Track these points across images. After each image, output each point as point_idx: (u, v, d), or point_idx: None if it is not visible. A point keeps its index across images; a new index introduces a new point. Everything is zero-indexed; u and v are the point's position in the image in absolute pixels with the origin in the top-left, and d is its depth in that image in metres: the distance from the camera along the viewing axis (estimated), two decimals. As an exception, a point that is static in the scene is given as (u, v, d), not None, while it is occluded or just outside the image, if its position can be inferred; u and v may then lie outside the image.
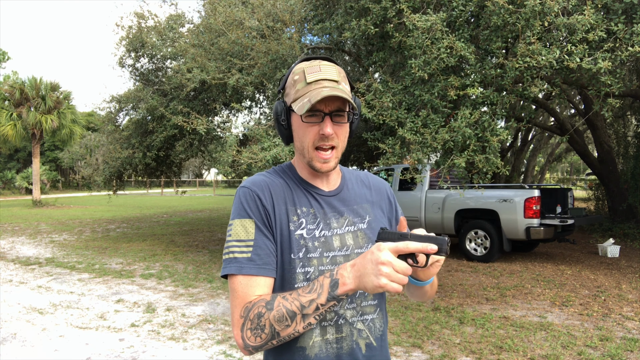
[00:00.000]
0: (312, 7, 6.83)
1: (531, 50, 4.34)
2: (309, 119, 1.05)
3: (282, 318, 0.95)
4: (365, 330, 1.11)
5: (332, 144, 1.08)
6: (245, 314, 0.98)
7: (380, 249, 0.91)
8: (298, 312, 0.95)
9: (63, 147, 25.74)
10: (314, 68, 1.07)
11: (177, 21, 9.90)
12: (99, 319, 4.73)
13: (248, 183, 1.10)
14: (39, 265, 7.54)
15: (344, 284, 0.94)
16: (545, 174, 23.80)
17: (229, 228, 1.07)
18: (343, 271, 0.95)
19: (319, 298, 0.95)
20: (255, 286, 1.02)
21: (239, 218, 1.06)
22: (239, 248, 1.04)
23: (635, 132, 11.58)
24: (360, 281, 0.93)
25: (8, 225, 13.51)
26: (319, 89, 1.03)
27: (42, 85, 21.53)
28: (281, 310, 0.95)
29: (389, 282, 0.88)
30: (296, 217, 1.08)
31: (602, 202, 12.18)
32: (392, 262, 0.89)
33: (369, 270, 0.91)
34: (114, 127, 11.00)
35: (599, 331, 4.22)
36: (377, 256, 0.90)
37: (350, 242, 1.12)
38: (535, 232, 7.09)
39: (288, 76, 1.12)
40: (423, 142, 4.75)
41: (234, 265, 1.03)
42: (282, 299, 0.97)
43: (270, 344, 0.97)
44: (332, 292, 0.94)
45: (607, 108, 4.54)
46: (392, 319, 4.63)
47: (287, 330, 0.95)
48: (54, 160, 36.22)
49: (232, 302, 1.03)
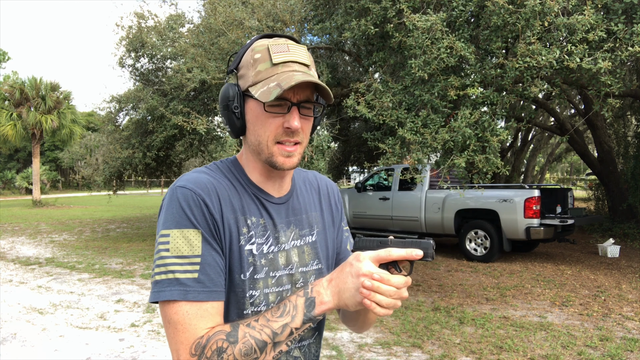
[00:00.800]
0: (312, 7, 6.83)
1: (531, 50, 4.34)
2: (272, 108, 0.86)
3: (250, 351, 0.79)
4: (300, 358, 0.97)
5: (297, 139, 0.89)
6: (198, 351, 0.79)
7: (359, 259, 0.80)
8: (269, 340, 0.80)
9: (63, 147, 25.74)
10: (280, 47, 0.87)
11: (177, 21, 9.90)
12: (99, 319, 4.73)
13: (189, 183, 0.86)
14: (39, 265, 7.54)
15: (322, 303, 0.82)
16: (545, 174, 23.80)
17: (162, 240, 0.84)
18: (319, 288, 0.83)
19: (293, 321, 0.82)
20: (205, 316, 0.81)
21: (179, 228, 0.83)
22: (181, 266, 0.82)
23: (635, 132, 11.58)
24: (340, 298, 0.81)
25: (8, 225, 13.51)
26: (289, 73, 0.85)
27: (42, 85, 21.53)
28: (249, 342, 0.79)
29: (373, 297, 0.77)
30: (246, 229, 0.90)
31: (602, 202, 12.18)
32: (374, 274, 0.78)
33: (349, 284, 0.80)
34: (114, 127, 11.00)
35: (599, 331, 4.22)
36: (357, 267, 0.79)
37: (295, 259, 0.96)
38: (535, 232, 7.09)
39: (243, 54, 0.91)
40: (423, 142, 4.76)
41: (176, 289, 0.81)
42: (248, 327, 0.81)
43: None
44: (309, 313, 0.82)
45: (607, 108, 4.54)
46: (392, 319, 4.63)
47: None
48: (54, 160, 36.23)
49: (175, 337, 0.81)
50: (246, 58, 0.90)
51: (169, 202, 0.86)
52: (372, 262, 0.79)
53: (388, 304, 0.78)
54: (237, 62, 0.92)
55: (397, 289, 0.78)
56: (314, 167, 6.07)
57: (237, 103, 0.89)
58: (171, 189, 0.88)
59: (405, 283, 0.80)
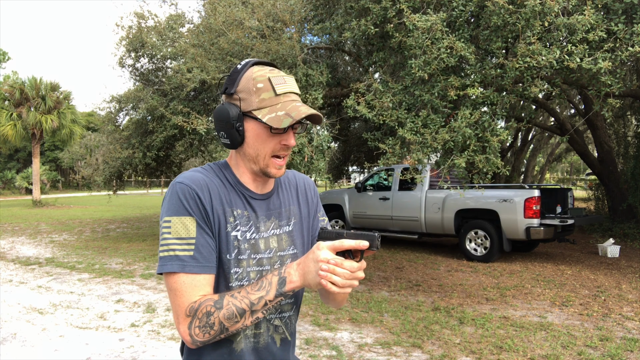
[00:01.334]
0: (312, 7, 6.83)
1: (531, 51, 4.34)
2: (275, 130, 1.06)
3: (232, 315, 1.00)
4: (282, 327, 1.18)
5: (288, 153, 1.13)
6: (191, 312, 1.01)
7: (319, 248, 0.98)
8: (247, 309, 1.00)
9: (63, 147, 25.76)
10: (279, 79, 1.07)
11: (177, 21, 9.90)
12: (99, 319, 4.73)
13: (186, 180, 1.07)
14: (39, 265, 7.54)
15: (291, 282, 1.01)
16: (545, 174, 23.81)
17: (165, 225, 1.05)
18: (290, 269, 1.02)
19: (268, 295, 1.01)
20: (198, 285, 1.03)
21: (178, 215, 1.04)
22: (180, 246, 1.03)
23: (635, 132, 11.58)
24: (305, 278, 1.00)
25: (8, 225, 13.51)
26: (293, 104, 1.06)
27: (42, 85, 21.53)
28: (231, 308, 1.00)
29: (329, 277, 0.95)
30: (232, 219, 1.10)
31: (602, 202, 12.17)
32: (329, 260, 0.95)
33: (311, 268, 0.98)
34: (114, 127, 11.00)
35: (599, 331, 4.22)
36: (317, 255, 0.97)
37: (275, 244, 1.16)
38: (535, 232, 7.09)
39: (238, 78, 1.08)
40: (423, 142, 4.76)
41: (176, 263, 1.02)
42: (231, 297, 1.01)
43: (219, 337, 1.02)
44: (280, 289, 1.01)
45: (607, 108, 4.54)
46: (392, 319, 4.63)
47: (236, 325, 1.01)
48: (54, 160, 36.23)
49: (174, 301, 1.03)
50: (247, 85, 1.07)
51: (170, 195, 1.07)
52: (329, 251, 0.97)
53: (343, 284, 0.95)
54: (235, 86, 1.08)
55: (350, 272, 0.96)
56: (314, 167, 6.07)
57: (240, 122, 1.08)
58: (172, 184, 1.08)
59: (359, 268, 0.98)
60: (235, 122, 1.07)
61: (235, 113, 1.07)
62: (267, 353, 1.15)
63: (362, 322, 4.54)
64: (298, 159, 5.81)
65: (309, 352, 3.77)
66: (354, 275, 0.97)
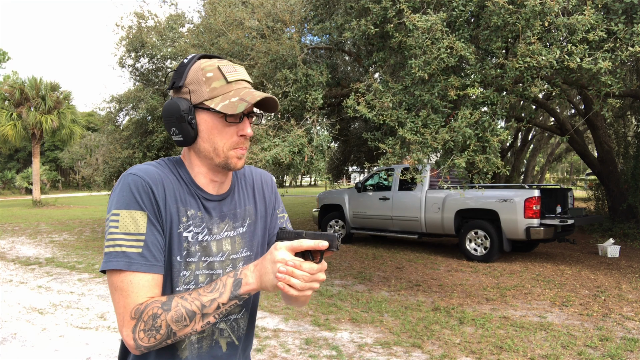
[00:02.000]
0: (312, 7, 6.83)
1: (531, 50, 4.34)
2: (230, 118, 1.02)
3: (181, 318, 0.93)
4: (227, 330, 1.12)
5: (247, 144, 1.08)
6: (137, 315, 0.93)
7: (277, 248, 0.93)
8: (198, 311, 0.94)
9: (63, 147, 25.72)
10: (229, 67, 1.03)
11: (177, 21, 9.91)
12: (99, 319, 4.73)
13: (140, 172, 1.01)
14: (39, 265, 7.54)
15: (247, 284, 0.95)
16: (545, 174, 23.81)
17: (112, 218, 0.97)
18: (246, 271, 0.96)
19: (221, 297, 0.95)
20: (146, 285, 0.96)
21: (128, 209, 0.97)
22: (127, 242, 0.96)
23: (635, 132, 11.58)
24: (261, 280, 0.94)
25: (8, 225, 13.51)
26: (246, 89, 1.03)
27: (42, 85, 21.53)
28: (180, 310, 0.93)
29: (287, 280, 0.90)
30: (185, 219, 1.04)
31: (602, 202, 12.17)
32: (287, 261, 0.91)
33: (268, 269, 0.93)
34: (114, 127, 11.00)
35: (599, 331, 4.22)
36: (274, 255, 0.92)
37: (228, 247, 1.11)
38: (535, 232, 7.09)
39: (188, 72, 1.03)
40: (423, 142, 4.76)
41: (122, 260, 0.95)
42: (181, 299, 0.95)
43: (165, 343, 0.95)
44: (235, 291, 0.95)
45: (607, 108, 4.54)
46: (392, 319, 4.63)
47: (184, 330, 0.94)
48: (54, 160, 36.23)
49: (119, 302, 0.95)
50: (195, 76, 1.02)
51: (121, 187, 0.99)
52: (287, 251, 0.92)
53: (302, 286, 0.90)
54: (183, 79, 1.03)
55: (310, 274, 0.91)
56: (314, 167, 6.07)
57: (192, 115, 1.02)
58: (123, 175, 1.01)
59: (319, 269, 0.93)
60: (186, 116, 1.01)
61: (185, 106, 1.01)
62: (212, 358, 1.09)
63: (362, 322, 4.54)
64: (298, 159, 5.81)
65: (309, 352, 3.77)
66: (314, 277, 0.92)
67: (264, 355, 3.72)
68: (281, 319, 4.62)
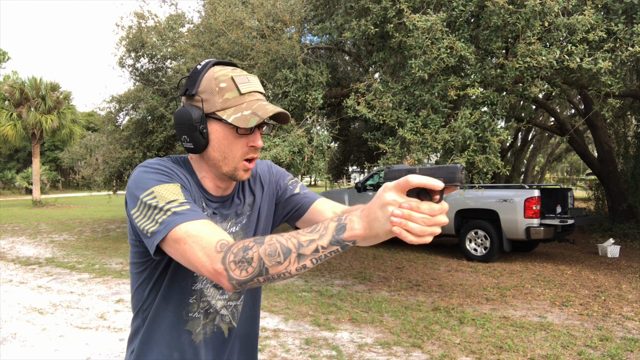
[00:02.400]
0: (312, 7, 6.83)
1: (531, 51, 4.34)
2: (241, 130, 1.02)
3: (274, 253, 0.84)
4: (228, 315, 1.15)
5: (257, 155, 1.09)
6: (224, 248, 0.87)
7: (385, 190, 0.80)
8: (294, 249, 0.84)
9: (63, 147, 25.73)
10: (242, 78, 1.03)
11: (177, 21, 9.91)
12: (99, 319, 4.73)
13: (157, 159, 1.04)
14: (39, 265, 7.53)
15: (352, 229, 0.83)
16: (545, 174, 23.80)
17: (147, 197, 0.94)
18: (352, 217, 0.84)
19: (321, 239, 0.84)
20: (215, 227, 0.92)
21: (159, 184, 0.96)
22: (173, 206, 0.92)
23: (635, 132, 11.58)
24: (370, 227, 0.82)
25: (8, 225, 13.51)
26: (259, 102, 1.02)
27: (42, 85, 21.54)
28: (274, 245, 0.85)
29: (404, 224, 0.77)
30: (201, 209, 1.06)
31: (602, 202, 12.17)
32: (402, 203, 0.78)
33: (378, 214, 0.80)
34: (114, 127, 11.00)
35: (599, 331, 4.22)
36: (382, 198, 0.79)
37: None
38: (535, 232, 7.09)
39: (198, 79, 1.03)
40: (423, 142, 4.76)
41: (179, 217, 0.91)
42: (276, 235, 0.88)
43: (257, 280, 0.86)
44: (337, 236, 0.84)
45: (607, 108, 4.54)
46: (392, 319, 4.63)
47: (277, 268, 0.84)
48: (54, 160, 36.23)
49: (194, 249, 0.88)
50: (209, 85, 1.02)
51: (142, 173, 0.98)
52: (396, 192, 0.79)
53: (421, 231, 0.77)
54: (196, 87, 1.03)
55: (431, 216, 0.78)
56: (314, 167, 6.07)
57: (203, 124, 1.02)
58: (137, 169, 1.00)
59: (440, 210, 0.78)
60: (198, 125, 1.01)
61: (197, 115, 1.01)
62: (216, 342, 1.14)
63: (362, 322, 4.54)
64: (298, 159, 5.82)
65: (309, 352, 3.77)
66: (435, 221, 0.78)
67: (264, 355, 3.72)
68: (281, 319, 4.62)
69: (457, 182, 0.77)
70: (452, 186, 0.78)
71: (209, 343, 1.13)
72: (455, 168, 0.77)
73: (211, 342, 1.14)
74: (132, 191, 0.98)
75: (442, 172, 0.78)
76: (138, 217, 0.94)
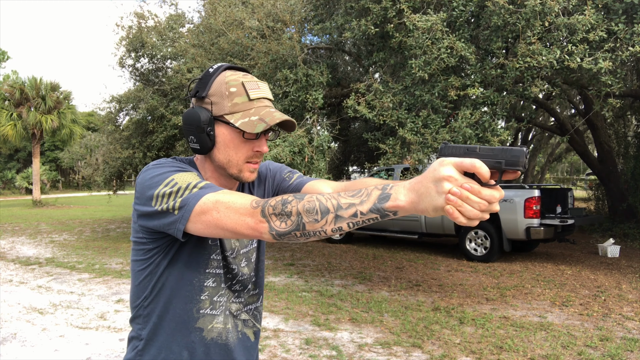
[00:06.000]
0: (313, 7, 6.84)
1: (532, 50, 4.34)
2: (247, 135, 1.04)
3: (313, 210, 0.84)
4: (250, 320, 1.16)
5: (261, 159, 1.12)
6: (260, 203, 0.87)
7: (442, 164, 0.76)
8: (332, 209, 0.83)
9: (63, 147, 25.76)
10: (252, 84, 1.05)
11: (177, 21, 9.91)
12: (99, 319, 4.73)
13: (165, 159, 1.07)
14: (39, 265, 7.54)
15: (396, 199, 0.80)
16: (545, 174, 23.81)
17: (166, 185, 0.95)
18: (397, 187, 0.81)
19: (361, 205, 0.82)
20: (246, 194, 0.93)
21: (178, 173, 0.98)
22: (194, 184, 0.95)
23: (636, 132, 11.58)
24: (418, 201, 0.78)
25: (8, 225, 13.51)
26: (267, 109, 1.05)
27: (42, 85, 21.54)
28: (314, 202, 0.84)
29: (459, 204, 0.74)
30: None
31: (602, 202, 12.17)
32: (462, 183, 0.74)
33: (430, 189, 0.76)
34: (114, 127, 11.01)
35: (599, 331, 4.22)
36: (439, 172, 0.75)
37: (236, 243, 1.15)
38: (535, 232, 7.09)
39: (209, 82, 1.05)
40: (423, 143, 4.76)
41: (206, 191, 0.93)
42: (316, 194, 0.87)
43: (294, 234, 0.86)
44: (379, 204, 0.81)
45: (608, 108, 4.54)
46: (392, 319, 4.63)
47: (314, 225, 0.84)
48: (54, 160, 36.23)
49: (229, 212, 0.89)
50: (219, 88, 1.04)
51: (154, 170, 0.99)
52: (455, 169, 0.76)
53: (475, 215, 0.75)
54: (207, 89, 1.05)
55: (489, 202, 0.75)
56: (314, 167, 6.07)
57: (211, 126, 1.04)
58: (149, 166, 1.02)
59: (500, 197, 0.76)
60: (206, 127, 1.04)
61: (206, 117, 1.04)
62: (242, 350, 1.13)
63: (362, 322, 4.54)
64: (298, 159, 5.82)
65: (309, 352, 3.77)
66: (490, 207, 0.76)
67: (264, 355, 3.72)
68: (281, 319, 4.62)
69: (520, 166, 0.74)
70: (514, 170, 0.75)
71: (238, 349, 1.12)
72: (520, 152, 0.74)
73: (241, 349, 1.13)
74: (147, 184, 0.98)
75: (506, 155, 0.75)
76: (159, 204, 0.95)
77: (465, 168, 0.75)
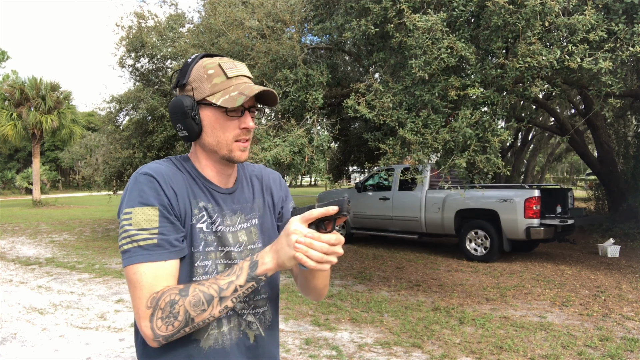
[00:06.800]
0: (313, 7, 6.83)
1: (532, 51, 4.34)
2: (231, 112, 1.06)
3: (199, 303, 0.93)
4: (255, 323, 1.15)
5: (249, 137, 1.12)
6: (153, 304, 0.94)
7: (290, 222, 0.94)
8: (216, 295, 0.94)
9: (63, 147, 25.75)
10: (229, 64, 1.08)
11: (177, 21, 9.91)
12: (99, 319, 4.73)
13: (150, 170, 1.04)
14: (39, 265, 7.53)
15: (263, 264, 0.96)
16: (545, 174, 23.80)
17: (125, 217, 1.00)
18: (262, 253, 0.98)
19: (238, 279, 0.95)
20: (161, 275, 0.97)
21: (140, 206, 0.99)
22: (141, 236, 0.98)
23: (635, 132, 11.57)
24: (278, 257, 0.95)
25: (8, 225, 13.51)
26: (246, 84, 1.07)
27: (42, 85, 21.54)
28: (198, 295, 0.93)
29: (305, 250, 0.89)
30: (197, 211, 1.07)
31: (602, 202, 12.16)
32: (305, 233, 0.91)
33: (284, 243, 0.93)
34: (114, 127, 11.01)
35: (599, 331, 4.22)
36: (288, 228, 0.93)
37: (244, 238, 1.15)
38: (535, 232, 7.09)
39: (188, 71, 1.08)
40: (424, 143, 4.76)
41: (139, 254, 0.97)
42: (198, 284, 0.96)
43: (183, 331, 0.95)
44: (252, 273, 0.96)
45: (608, 108, 4.54)
46: (392, 319, 4.63)
47: (202, 315, 0.94)
48: (54, 160, 36.24)
49: (135, 294, 0.96)
50: (198, 73, 1.07)
51: (132, 186, 1.02)
52: (300, 223, 0.93)
53: (320, 258, 0.90)
54: (187, 77, 1.08)
55: (329, 245, 0.91)
56: (314, 167, 6.07)
57: (195, 111, 1.06)
58: (134, 175, 1.04)
59: (337, 241, 0.92)
60: (190, 112, 1.06)
61: (189, 102, 1.06)
62: (239, 350, 1.10)
63: (362, 322, 4.54)
64: (298, 159, 5.81)
65: (309, 352, 3.77)
66: (332, 250, 0.92)
67: (264, 355, 3.72)
68: (281, 319, 4.62)
69: (345, 211, 0.92)
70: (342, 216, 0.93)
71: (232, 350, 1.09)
72: (342, 201, 0.93)
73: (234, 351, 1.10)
74: (122, 199, 1.04)
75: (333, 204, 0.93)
76: (120, 224, 1.01)
77: (307, 219, 0.93)
